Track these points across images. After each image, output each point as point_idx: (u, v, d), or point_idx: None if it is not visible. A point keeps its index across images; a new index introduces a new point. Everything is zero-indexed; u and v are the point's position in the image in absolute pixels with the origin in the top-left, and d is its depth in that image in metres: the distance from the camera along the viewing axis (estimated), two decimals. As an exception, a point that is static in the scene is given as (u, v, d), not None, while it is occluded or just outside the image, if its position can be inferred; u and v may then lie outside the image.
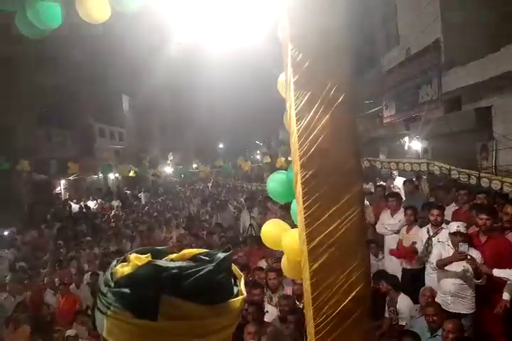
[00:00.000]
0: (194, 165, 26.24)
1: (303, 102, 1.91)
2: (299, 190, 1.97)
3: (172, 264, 0.82)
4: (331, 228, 1.91)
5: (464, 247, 4.13)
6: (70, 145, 20.42)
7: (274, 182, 2.38)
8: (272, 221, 2.55)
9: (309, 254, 1.92)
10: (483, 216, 4.27)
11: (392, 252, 5.53)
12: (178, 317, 0.78)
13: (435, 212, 4.72)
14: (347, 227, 1.91)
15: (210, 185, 23.45)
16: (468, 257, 3.86)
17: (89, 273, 7.26)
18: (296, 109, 1.92)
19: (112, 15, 2.44)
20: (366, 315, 1.93)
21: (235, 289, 0.86)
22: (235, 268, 0.90)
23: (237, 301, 0.84)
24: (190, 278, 0.79)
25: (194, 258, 0.87)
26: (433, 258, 4.45)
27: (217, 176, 23.66)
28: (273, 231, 2.42)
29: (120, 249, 9.19)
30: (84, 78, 22.40)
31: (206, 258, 0.86)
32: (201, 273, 0.80)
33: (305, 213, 1.94)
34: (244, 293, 0.88)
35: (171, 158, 41.73)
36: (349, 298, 1.89)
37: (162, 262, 0.83)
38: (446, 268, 4.13)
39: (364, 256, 1.95)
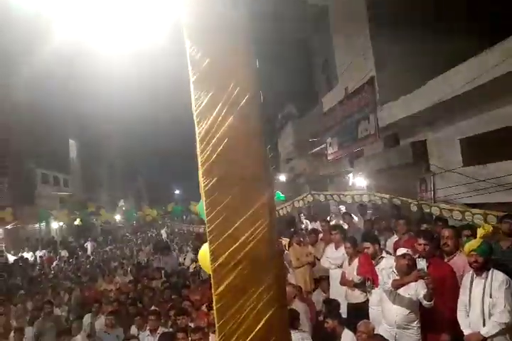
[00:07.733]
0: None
1: (204, 103, 1.74)
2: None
3: None
4: (238, 243, 1.68)
5: (422, 264, 3.92)
6: (6, 192, 18.97)
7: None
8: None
9: (214, 275, 1.67)
10: (421, 241, 4.20)
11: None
12: None
13: (366, 244, 4.69)
14: (256, 242, 1.68)
15: (164, 230, 23.03)
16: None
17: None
18: (196, 111, 1.74)
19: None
20: (283, 344, 1.67)
21: None
22: None
23: None
24: None
25: None
26: (379, 287, 4.27)
27: (172, 222, 23.21)
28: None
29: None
30: (26, 120, 21.58)
31: None
32: None
33: (209, 227, 1.71)
34: None
35: (122, 204, 40.42)
36: (261, 323, 1.63)
37: None
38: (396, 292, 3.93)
39: (278, 273, 1.71)
